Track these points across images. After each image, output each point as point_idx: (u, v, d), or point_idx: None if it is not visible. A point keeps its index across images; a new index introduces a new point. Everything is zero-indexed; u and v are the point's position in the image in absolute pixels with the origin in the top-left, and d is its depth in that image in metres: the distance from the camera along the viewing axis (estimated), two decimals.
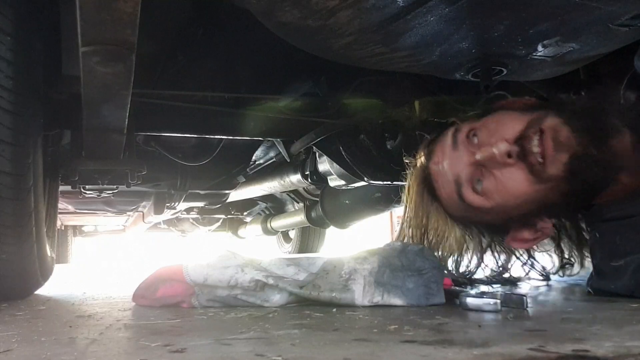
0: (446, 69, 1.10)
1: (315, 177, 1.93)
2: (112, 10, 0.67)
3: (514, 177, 1.01)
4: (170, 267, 1.01)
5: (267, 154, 2.17)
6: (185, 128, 1.53)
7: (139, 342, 0.65)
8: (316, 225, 3.01)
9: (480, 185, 1.05)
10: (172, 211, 2.87)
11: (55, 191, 1.80)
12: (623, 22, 0.90)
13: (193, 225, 4.36)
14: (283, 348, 0.58)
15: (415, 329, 0.67)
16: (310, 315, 0.82)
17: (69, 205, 3.06)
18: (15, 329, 0.78)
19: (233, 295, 0.95)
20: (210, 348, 0.60)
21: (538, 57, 1.03)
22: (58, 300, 1.25)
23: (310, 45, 1.03)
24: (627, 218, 0.99)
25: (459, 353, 0.53)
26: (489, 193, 1.05)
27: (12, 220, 1.05)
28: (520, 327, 0.67)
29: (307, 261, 0.99)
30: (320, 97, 1.47)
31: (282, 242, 4.87)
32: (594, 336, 0.59)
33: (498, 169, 1.02)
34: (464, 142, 1.07)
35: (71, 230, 5.43)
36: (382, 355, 0.53)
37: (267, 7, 0.88)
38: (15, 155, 0.99)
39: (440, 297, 0.92)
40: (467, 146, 1.07)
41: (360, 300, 0.90)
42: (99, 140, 1.19)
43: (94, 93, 0.92)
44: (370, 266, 0.94)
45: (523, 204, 1.04)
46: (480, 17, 0.89)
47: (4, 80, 0.93)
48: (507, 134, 1.03)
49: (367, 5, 0.83)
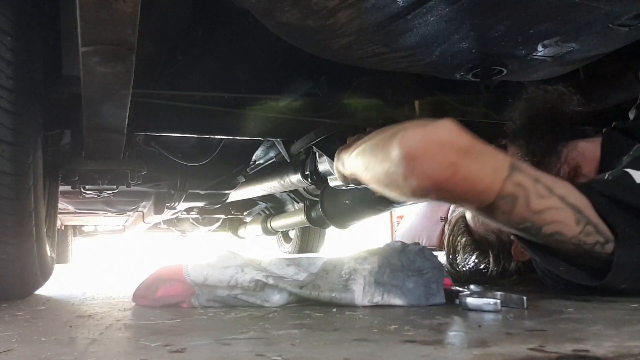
0: (446, 69, 1.10)
1: (315, 177, 1.92)
2: (112, 10, 0.67)
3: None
4: (170, 267, 1.01)
5: (267, 154, 2.17)
6: (185, 128, 1.53)
7: (139, 342, 0.65)
8: (316, 225, 3.01)
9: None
10: (172, 211, 2.87)
11: (55, 191, 1.80)
12: (623, 22, 0.90)
13: (193, 225, 4.36)
14: (283, 348, 0.58)
15: (415, 329, 0.67)
16: (310, 315, 0.82)
17: (69, 205, 3.06)
18: (15, 329, 0.78)
19: (233, 295, 0.95)
20: (210, 348, 0.60)
21: (538, 57, 1.03)
22: (58, 300, 1.25)
23: (310, 45, 1.03)
24: None
25: (459, 353, 0.53)
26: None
27: (12, 220, 1.05)
28: (520, 327, 0.67)
29: (307, 261, 0.99)
30: (320, 97, 1.47)
31: (282, 242, 4.87)
32: (594, 336, 0.59)
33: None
34: None
35: (71, 230, 5.42)
36: (382, 355, 0.53)
37: (267, 7, 0.88)
38: (15, 155, 0.99)
39: (440, 297, 0.92)
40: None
41: (360, 300, 0.90)
42: (99, 140, 1.19)
43: (94, 93, 0.92)
44: (370, 266, 0.94)
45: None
46: (480, 17, 0.89)
47: (4, 80, 0.93)
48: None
49: (367, 5, 0.83)
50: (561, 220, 0.89)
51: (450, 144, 0.83)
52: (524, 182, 0.87)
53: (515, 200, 0.87)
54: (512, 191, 0.87)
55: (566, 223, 0.89)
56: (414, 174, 0.82)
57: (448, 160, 0.82)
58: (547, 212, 0.89)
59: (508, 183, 0.86)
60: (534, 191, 0.88)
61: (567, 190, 0.91)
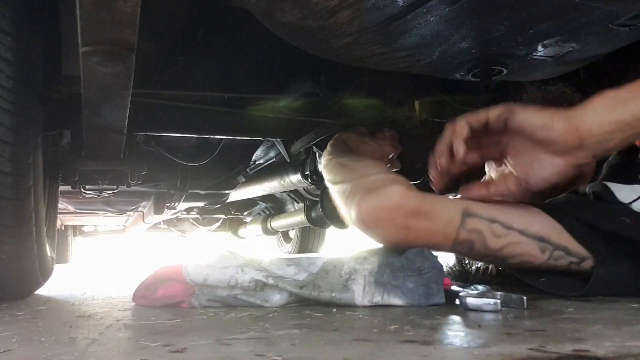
0: (446, 69, 1.10)
1: (315, 177, 1.92)
2: (112, 10, 0.67)
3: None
4: (170, 267, 1.01)
5: (267, 154, 2.17)
6: (185, 128, 1.53)
7: (139, 342, 0.65)
8: (316, 225, 3.01)
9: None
10: (172, 211, 2.87)
11: (55, 191, 1.80)
12: (623, 22, 0.90)
13: (193, 225, 4.36)
14: (283, 348, 0.58)
15: (415, 329, 0.67)
16: (310, 315, 0.82)
17: (69, 205, 3.06)
18: (15, 329, 0.78)
19: (233, 295, 0.95)
20: (210, 348, 0.60)
21: (538, 57, 1.03)
22: (58, 300, 1.25)
23: (310, 45, 1.03)
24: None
25: (459, 353, 0.53)
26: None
27: (12, 220, 1.05)
28: (520, 327, 0.67)
29: (307, 261, 0.99)
30: (320, 97, 1.47)
31: (282, 242, 4.87)
32: (594, 336, 0.59)
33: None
34: None
35: (71, 230, 5.42)
36: (382, 355, 0.53)
37: (267, 7, 0.88)
38: (15, 155, 0.99)
39: (440, 297, 0.92)
40: None
41: (360, 300, 0.90)
42: (99, 140, 1.19)
43: (94, 93, 0.92)
44: (370, 266, 0.94)
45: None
46: (480, 17, 0.89)
47: (4, 80, 0.93)
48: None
49: (367, 5, 0.83)
50: (523, 252, 0.92)
51: (400, 209, 0.92)
52: (478, 227, 0.91)
53: (472, 244, 0.92)
54: (467, 237, 0.92)
55: (530, 254, 0.92)
56: (371, 236, 0.96)
57: (399, 224, 0.92)
58: (507, 248, 0.92)
59: (462, 231, 0.92)
60: (490, 232, 0.91)
61: (529, 220, 0.93)
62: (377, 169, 1.07)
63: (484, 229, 0.91)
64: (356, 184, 1.02)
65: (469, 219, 0.91)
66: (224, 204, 2.99)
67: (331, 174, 1.16)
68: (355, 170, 1.09)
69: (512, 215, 0.92)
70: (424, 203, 0.93)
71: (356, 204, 0.96)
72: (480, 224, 0.91)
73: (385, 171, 1.08)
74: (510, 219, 0.92)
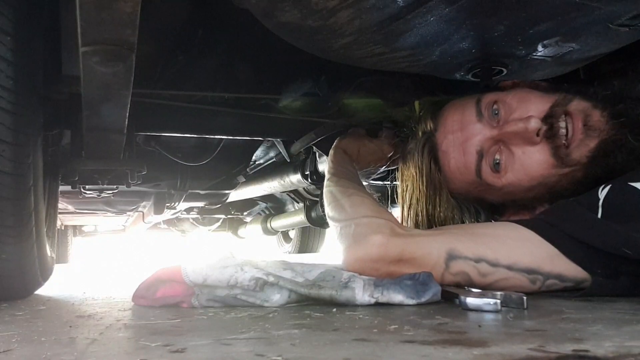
0: (446, 69, 1.10)
1: (315, 177, 1.93)
2: (112, 10, 0.67)
3: (535, 157, 0.98)
4: (169, 268, 1.01)
5: (267, 154, 2.17)
6: (185, 128, 1.53)
7: (139, 342, 0.65)
8: (316, 225, 3.01)
9: (498, 162, 1.01)
10: (172, 211, 2.87)
11: (55, 191, 1.80)
12: (623, 22, 0.90)
13: (193, 225, 4.36)
14: (283, 348, 0.58)
15: (415, 329, 0.67)
16: (310, 315, 0.82)
17: (69, 205, 3.06)
18: (15, 329, 0.78)
19: (233, 295, 0.95)
20: (210, 348, 0.60)
21: (538, 57, 1.03)
22: (58, 300, 1.25)
23: (310, 45, 1.03)
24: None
25: (459, 353, 0.53)
26: (503, 171, 1.02)
27: (12, 220, 1.05)
28: (520, 327, 0.67)
29: (301, 268, 0.99)
30: (320, 97, 1.47)
31: (282, 242, 4.87)
32: (594, 336, 0.59)
33: (520, 147, 0.98)
34: (487, 114, 1.05)
35: (71, 230, 5.42)
36: (382, 355, 0.53)
37: (267, 7, 0.88)
38: (15, 155, 0.99)
39: (435, 289, 0.91)
40: (489, 119, 1.05)
41: (361, 295, 0.90)
42: (99, 140, 1.19)
43: (94, 93, 0.92)
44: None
45: (535, 187, 1.02)
46: (480, 17, 0.89)
47: (4, 80, 0.93)
48: (534, 112, 0.99)
49: (367, 5, 0.83)
50: (513, 285, 0.91)
51: (381, 259, 0.94)
52: (463, 269, 0.92)
53: (459, 283, 0.92)
54: (453, 280, 0.93)
55: (520, 286, 0.91)
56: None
57: (383, 272, 0.94)
58: (494, 284, 0.92)
59: (446, 275, 0.93)
60: (475, 273, 0.91)
61: (519, 253, 0.90)
62: (363, 211, 1.04)
63: (470, 270, 0.91)
64: (344, 228, 1.03)
65: (454, 262, 0.91)
66: (224, 204, 2.99)
67: (326, 203, 1.17)
68: (343, 210, 1.08)
69: (501, 250, 0.91)
70: (407, 250, 0.94)
71: (344, 251, 1.00)
72: (465, 266, 0.91)
73: (371, 211, 1.04)
74: (498, 254, 0.90)
